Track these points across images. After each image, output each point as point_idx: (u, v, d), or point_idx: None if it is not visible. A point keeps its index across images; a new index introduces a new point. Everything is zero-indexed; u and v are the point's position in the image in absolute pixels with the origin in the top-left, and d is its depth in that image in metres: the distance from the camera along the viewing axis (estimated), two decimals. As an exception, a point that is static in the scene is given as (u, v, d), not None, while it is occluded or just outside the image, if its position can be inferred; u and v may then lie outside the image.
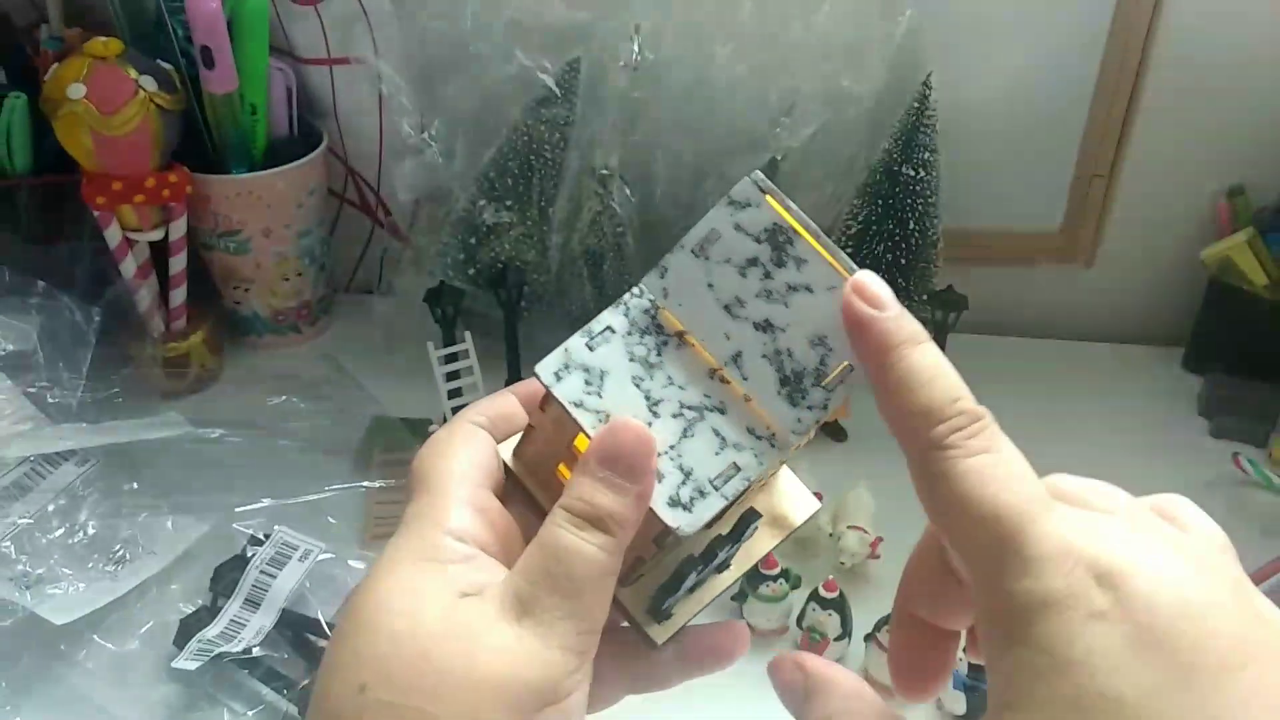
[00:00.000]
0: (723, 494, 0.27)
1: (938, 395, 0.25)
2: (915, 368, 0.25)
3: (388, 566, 0.27)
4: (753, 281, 0.28)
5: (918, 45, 0.77)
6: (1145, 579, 0.22)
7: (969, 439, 0.24)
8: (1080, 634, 0.21)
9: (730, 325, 0.28)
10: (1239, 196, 0.83)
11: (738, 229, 0.29)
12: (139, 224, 0.77)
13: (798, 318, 0.27)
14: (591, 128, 0.78)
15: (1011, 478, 0.24)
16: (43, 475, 0.66)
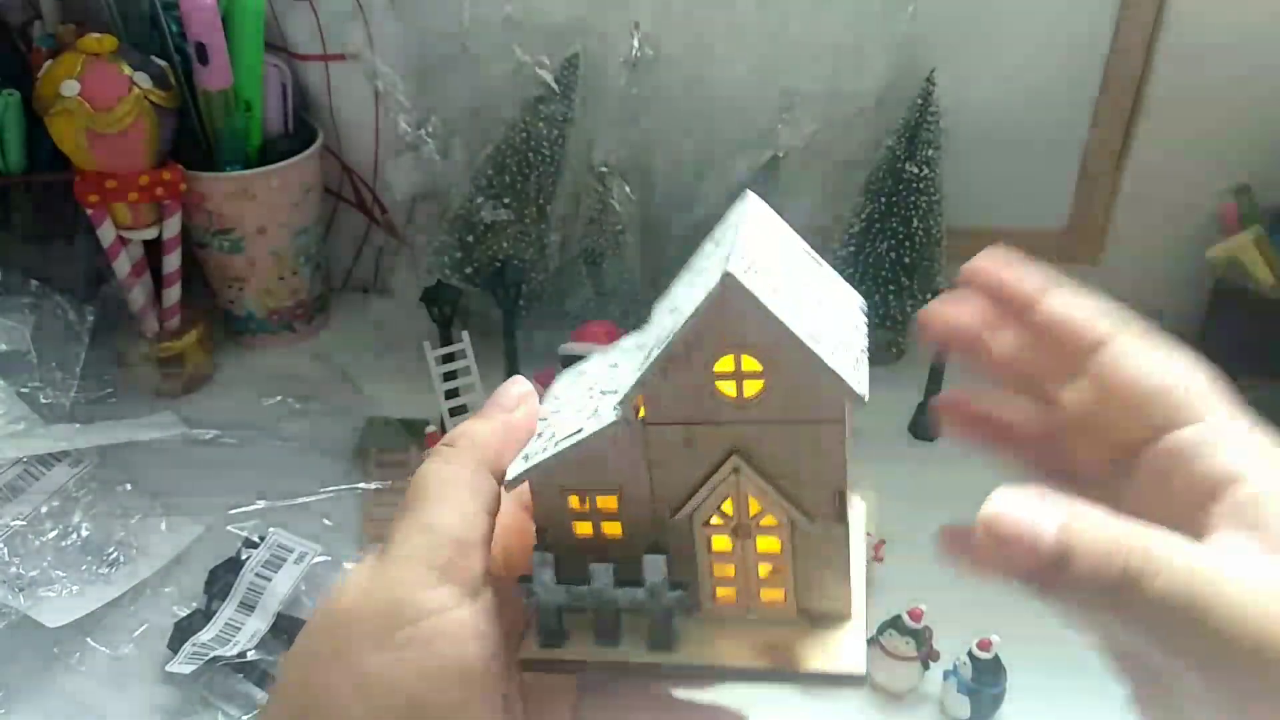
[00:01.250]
0: (556, 449, 0.28)
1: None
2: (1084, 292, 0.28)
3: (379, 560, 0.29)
4: (687, 277, 0.30)
5: (920, 42, 0.77)
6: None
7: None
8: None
9: (661, 319, 0.29)
10: (1245, 195, 0.82)
11: (712, 240, 0.30)
12: (133, 222, 0.76)
13: (688, 296, 0.28)
14: (590, 125, 0.78)
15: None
16: (36, 476, 0.66)
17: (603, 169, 0.77)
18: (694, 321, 0.26)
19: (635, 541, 0.29)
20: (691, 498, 0.28)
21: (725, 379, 0.26)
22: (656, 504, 0.28)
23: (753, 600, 0.29)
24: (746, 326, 0.25)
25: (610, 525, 0.29)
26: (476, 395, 0.75)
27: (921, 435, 0.77)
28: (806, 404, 0.26)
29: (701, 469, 0.28)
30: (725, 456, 0.27)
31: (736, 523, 0.28)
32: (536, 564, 0.29)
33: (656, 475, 0.28)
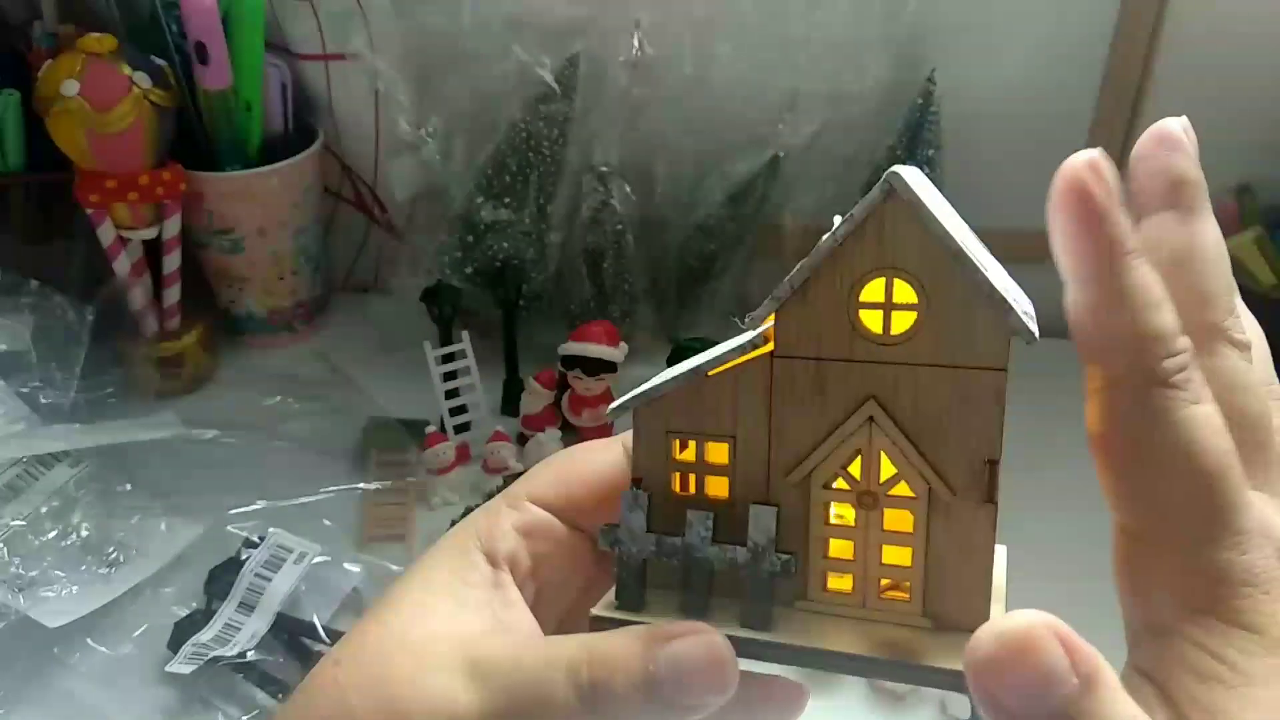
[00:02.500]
0: (659, 379, 0.26)
1: (1170, 321, 0.22)
2: (1146, 284, 0.21)
3: (430, 560, 0.28)
4: None
5: (920, 43, 0.76)
6: None
7: (1191, 382, 0.21)
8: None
9: None
10: (1245, 195, 0.82)
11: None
12: (133, 222, 0.76)
13: None
14: (591, 124, 0.78)
15: (1223, 434, 0.21)
16: (35, 476, 0.66)
17: (603, 169, 0.77)
18: (846, 228, 0.22)
19: (743, 504, 0.25)
20: (814, 452, 0.24)
21: (871, 309, 0.23)
22: (773, 460, 0.24)
23: (870, 591, 0.24)
24: (907, 243, 0.22)
25: (716, 482, 0.25)
26: (476, 395, 0.75)
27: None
28: (964, 347, 0.23)
29: (830, 418, 0.24)
30: (860, 403, 0.23)
31: (864, 488, 0.24)
32: (625, 505, 0.25)
33: (777, 424, 0.24)
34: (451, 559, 0.28)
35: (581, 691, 0.24)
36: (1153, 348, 0.21)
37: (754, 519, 0.24)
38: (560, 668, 0.24)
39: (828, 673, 0.25)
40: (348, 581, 0.63)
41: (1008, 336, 0.23)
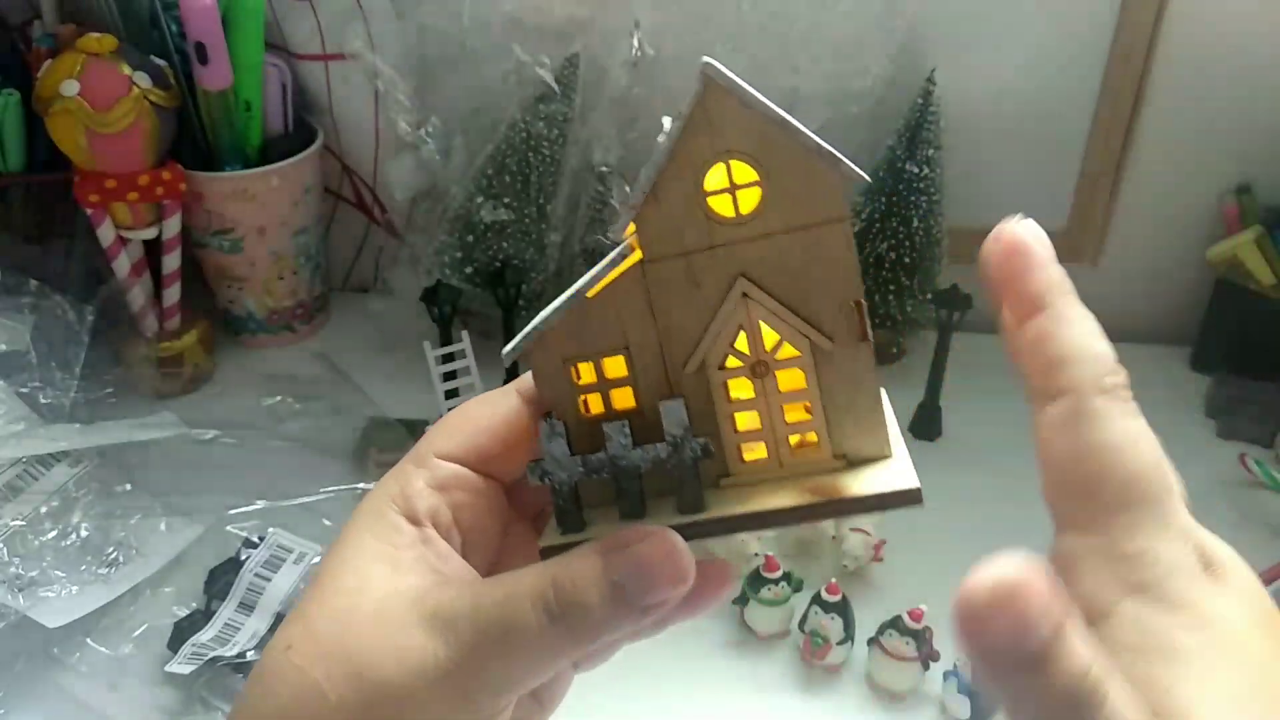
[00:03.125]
0: (553, 307, 0.27)
1: (1107, 350, 0.25)
2: (1087, 313, 0.26)
3: (354, 533, 0.28)
4: None
5: (920, 42, 0.76)
6: (1243, 576, 0.24)
7: (1130, 399, 0.25)
8: (1212, 598, 0.23)
9: None
10: (1246, 195, 0.82)
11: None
12: (132, 222, 0.76)
13: None
14: (591, 124, 0.78)
15: (1157, 444, 0.24)
16: (35, 477, 0.66)
17: (603, 169, 0.77)
18: (676, 130, 0.24)
19: (649, 407, 0.26)
20: (703, 339, 0.26)
21: (718, 194, 0.25)
22: (668, 359, 0.26)
23: (783, 451, 0.27)
24: (735, 124, 0.24)
25: (621, 394, 0.27)
26: (475, 395, 0.75)
27: (923, 435, 0.77)
28: (807, 206, 0.24)
29: (709, 303, 0.25)
30: (730, 283, 0.25)
31: (754, 360, 0.26)
32: (544, 437, 0.26)
33: (663, 324, 0.26)
34: (374, 526, 0.28)
35: (551, 614, 0.25)
36: (1099, 364, 0.25)
37: (666, 414, 0.26)
38: (524, 597, 0.25)
39: (768, 529, 0.28)
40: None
41: (842, 185, 0.24)
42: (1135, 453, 0.24)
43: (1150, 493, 0.24)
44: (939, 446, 0.76)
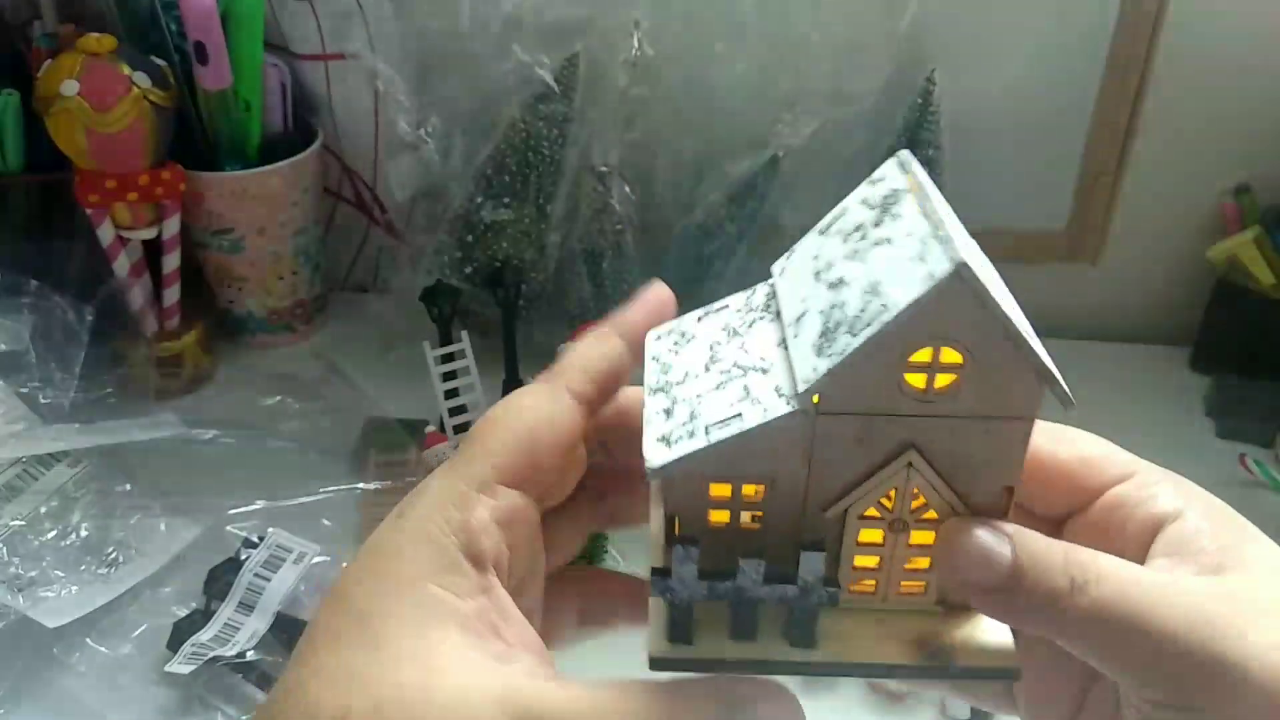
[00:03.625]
0: (708, 437, 0.25)
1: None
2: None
3: (412, 570, 0.24)
4: (850, 244, 0.26)
5: (920, 42, 0.76)
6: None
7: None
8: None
9: (809, 289, 0.27)
10: (1245, 195, 0.82)
11: (862, 202, 0.28)
12: (132, 222, 0.76)
13: (866, 271, 0.25)
14: (590, 124, 0.78)
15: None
16: (35, 476, 0.66)
17: (603, 169, 0.77)
18: (909, 312, 0.23)
19: (774, 532, 0.26)
20: (853, 491, 0.26)
21: (916, 371, 0.24)
22: (809, 497, 0.26)
23: (890, 591, 0.27)
24: (963, 319, 0.23)
25: (751, 515, 0.27)
26: (476, 395, 0.75)
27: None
28: (1000, 401, 0.25)
29: (870, 462, 0.25)
30: (899, 451, 0.25)
31: (895, 516, 0.26)
32: (678, 559, 0.26)
33: (816, 467, 0.26)
34: (433, 565, 0.24)
35: None
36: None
37: (804, 561, 0.26)
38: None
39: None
40: (347, 581, 0.63)
41: (1041, 394, 0.25)
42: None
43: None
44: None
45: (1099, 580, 0.24)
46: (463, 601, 0.24)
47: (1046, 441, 0.29)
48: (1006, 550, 0.25)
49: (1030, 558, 0.25)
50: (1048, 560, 0.25)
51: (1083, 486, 0.28)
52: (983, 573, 0.25)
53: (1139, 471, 0.28)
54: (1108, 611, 0.24)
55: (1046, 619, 0.25)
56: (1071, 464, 0.29)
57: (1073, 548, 0.25)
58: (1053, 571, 0.24)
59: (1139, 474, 0.28)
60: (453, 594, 0.24)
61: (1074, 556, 0.25)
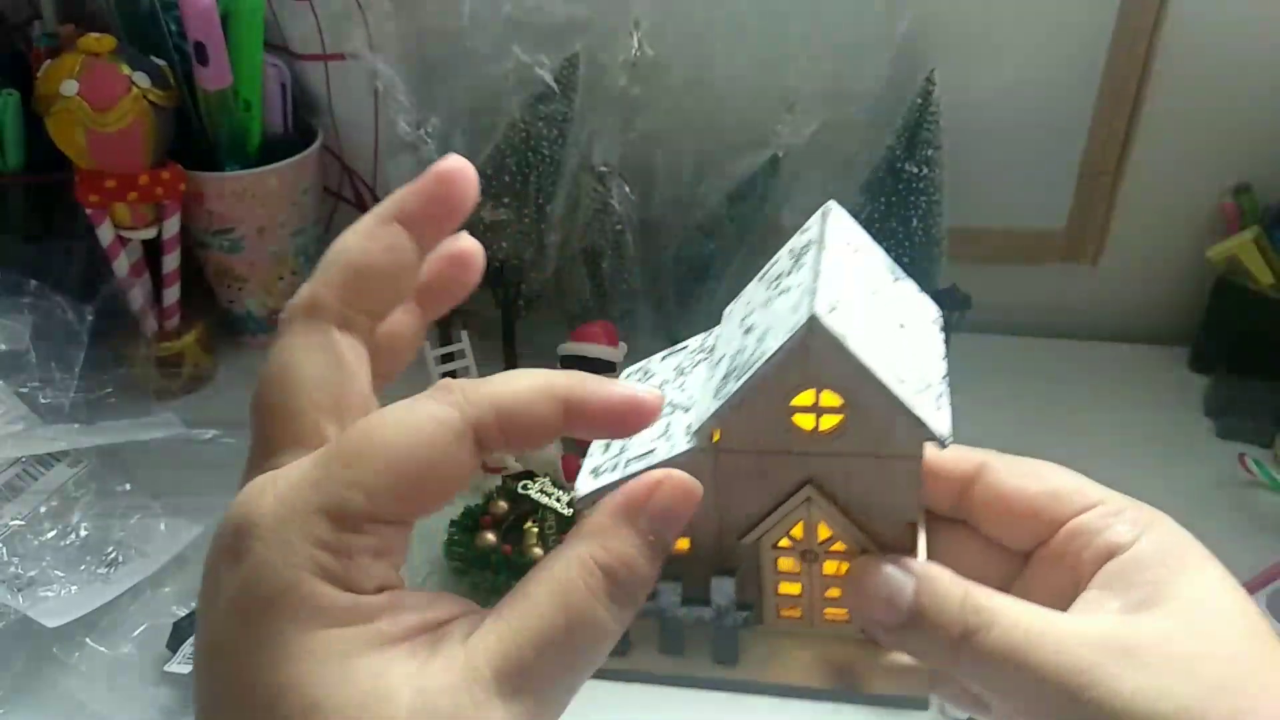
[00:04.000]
0: (626, 470, 0.28)
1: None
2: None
3: (294, 627, 0.20)
4: (769, 293, 0.28)
5: (920, 42, 0.76)
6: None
7: None
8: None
9: (733, 332, 0.29)
10: (1245, 194, 0.82)
11: (789, 251, 0.30)
12: (132, 222, 0.76)
13: (766, 318, 0.27)
14: (590, 124, 0.78)
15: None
16: (35, 476, 0.66)
17: (602, 169, 0.77)
18: (776, 360, 0.25)
19: (700, 556, 0.29)
20: (760, 523, 0.28)
21: (803, 412, 0.26)
22: (724, 525, 0.28)
23: (817, 617, 0.29)
24: (830, 368, 0.25)
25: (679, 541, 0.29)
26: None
27: (921, 435, 0.77)
28: (884, 440, 0.26)
29: (772, 496, 0.27)
30: (797, 486, 0.27)
31: (805, 547, 0.28)
32: None
33: (724, 500, 0.28)
34: (317, 648, 0.20)
35: (621, 603, 0.22)
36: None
37: (715, 587, 0.28)
38: (587, 613, 0.22)
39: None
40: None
41: (922, 439, 0.26)
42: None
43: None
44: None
45: (991, 626, 0.25)
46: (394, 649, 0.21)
47: (1014, 477, 0.29)
48: (909, 591, 0.26)
49: (930, 599, 0.26)
50: (946, 603, 0.26)
51: (1049, 519, 0.29)
52: (885, 612, 0.26)
53: (1104, 501, 0.29)
54: (997, 656, 0.25)
55: (943, 659, 0.26)
56: (1039, 498, 0.29)
57: (974, 590, 0.26)
58: (950, 614, 0.25)
59: (1104, 504, 0.28)
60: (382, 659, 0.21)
61: (972, 600, 0.25)
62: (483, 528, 0.65)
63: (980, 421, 0.78)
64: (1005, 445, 0.30)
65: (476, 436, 0.22)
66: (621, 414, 0.23)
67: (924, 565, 0.27)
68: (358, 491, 0.21)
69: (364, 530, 0.21)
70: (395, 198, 0.25)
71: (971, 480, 0.30)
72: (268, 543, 0.21)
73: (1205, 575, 0.26)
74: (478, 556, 0.64)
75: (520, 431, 0.23)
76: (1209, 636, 0.25)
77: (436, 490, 0.22)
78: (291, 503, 0.21)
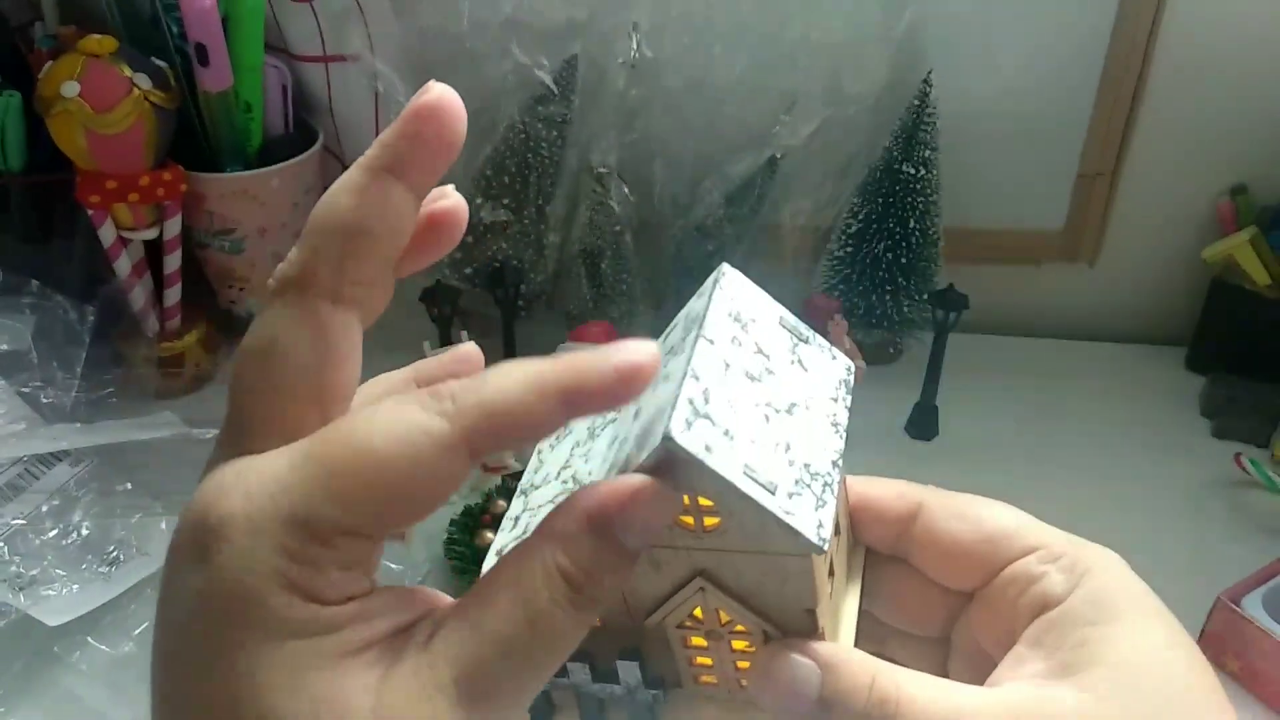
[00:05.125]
0: (520, 531, 0.28)
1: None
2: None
3: (253, 637, 0.20)
4: (663, 367, 0.27)
5: (919, 43, 0.77)
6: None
7: None
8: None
9: (630, 409, 0.27)
10: (1241, 195, 0.82)
11: (686, 316, 0.28)
12: (133, 223, 0.76)
13: (649, 404, 0.25)
14: (589, 126, 0.78)
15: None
16: (36, 476, 0.66)
17: (601, 170, 0.77)
18: (646, 468, 0.23)
19: (613, 632, 0.28)
20: (660, 607, 0.28)
21: (684, 513, 0.25)
22: (630, 608, 0.28)
23: (733, 686, 0.29)
24: (695, 481, 0.24)
25: None
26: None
27: (919, 435, 0.77)
28: (764, 540, 0.25)
29: (669, 584, 0.27)
30: (690, 576, 0.27)
31: (709, 628, 0.28)
32: None
33: (628, 587, 0.28)
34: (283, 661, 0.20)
35: (579, 605, 0.22)
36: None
37: (622, 669, 0.28)
38: (545, 621, 0.21)
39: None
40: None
41: (800, 544, 0.25)
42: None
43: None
44: (935, 446, 0.77)
45: (896, 712, 0.25)
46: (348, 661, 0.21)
47: (950, 519, 0.29)
48: (814, 682, 0.25)
49: (835, 690, 0.25)
50: (852, 691, 0.25)
51: (987, 563, 0.28)
52: (792, 702, 0.26)
53: (1043, 546, 0.28)
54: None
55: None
56: (975, 544, 0.28)
57: (883, 672, 0.25)
58: (857, 702, 0.25)
59: (1043, 548, 0.28)
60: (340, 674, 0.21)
61: (880, 685, 0.25)
62: (483, 527, 0.65)
63: (979, 422, 0.79)
64: (1001, 444, 0.30)
65: (470, 448, 0.21)
66: (621, 387, 0.21)
67: (830, 652, 0.26)
68: (334, 505, 0.20)
69: (335, 544, 0.20)
70: (384, 144, 0.23)
71: (909, 520, 0.29)
72: (234, 546, 0.20)
73: (1138, 632, 0.25)
74: (478, 556, 0.64)
75: (517, 434, 0.22)
76: (1131, 706, 0.24)
77: (421, 508, 0.21)
78: (262, 506, 0.20)
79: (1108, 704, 0.24)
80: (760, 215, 0.80)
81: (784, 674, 0.26)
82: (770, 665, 0.26)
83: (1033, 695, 0.25)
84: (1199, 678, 0.25)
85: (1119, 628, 0.25)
